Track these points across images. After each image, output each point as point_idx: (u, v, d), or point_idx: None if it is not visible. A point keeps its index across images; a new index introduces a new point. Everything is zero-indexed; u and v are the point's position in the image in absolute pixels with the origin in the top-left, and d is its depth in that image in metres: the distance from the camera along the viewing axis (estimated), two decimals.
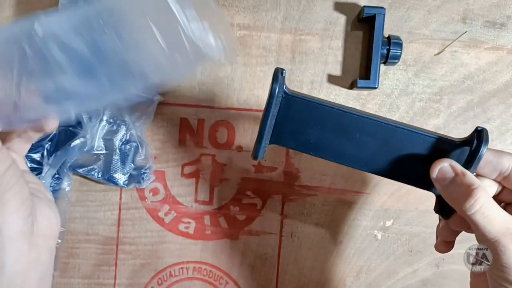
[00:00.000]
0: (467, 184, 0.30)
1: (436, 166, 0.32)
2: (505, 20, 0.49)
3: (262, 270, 0.50)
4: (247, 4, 0.48)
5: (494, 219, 0.30)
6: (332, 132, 0.32)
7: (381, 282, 0.51)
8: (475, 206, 0.30)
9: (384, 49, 0.46)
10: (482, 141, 0.30)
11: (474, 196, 0.30)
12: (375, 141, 0.32)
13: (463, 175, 0.31)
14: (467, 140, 0.32)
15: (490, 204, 0.30)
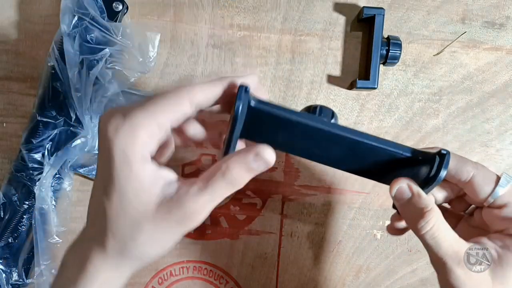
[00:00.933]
0: (421, 206, 0.32)
1: (394, 185, 0.33)
2: (504, 21, 0.49)
3: (262, 269, 0.51)
4: (247, 5, 0.48)
5: (442, 241, 0.32)
6: (300, 138, 0.33)
7: (381, 282, 0.51)
8: (426, 227, 0.32)
9: (384, 50, 0.46)
10: (441, 168, 0.31)
11: (426, 218, 0.32)
12: (341, 149, 0.33)
13: (419, 197, 0.32)
14: (429, 158, 0.32)
15: (440, 226, 0.32)
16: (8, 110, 0.49)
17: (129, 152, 0.27)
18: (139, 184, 0.28)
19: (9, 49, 0.48)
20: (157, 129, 0.28)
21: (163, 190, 0.29)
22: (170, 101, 0.28)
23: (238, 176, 0.29)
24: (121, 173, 0.27)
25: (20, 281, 0.48)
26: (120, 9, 0.45)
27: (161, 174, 0.29)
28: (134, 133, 0.27)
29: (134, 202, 0.28)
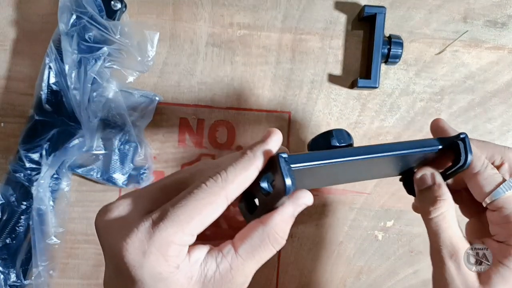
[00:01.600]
0: (437, 194, 0.33)
1: (420, 171, 0.35)
2: (506, 20, 0.49)
3: (262, 270, 0.50)
4: (247, 4, 0.48)
5: (444, 231, 0.32)
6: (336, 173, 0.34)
7: (382, 283, 0.50)
8: (434, 213, 0.33)
9: (385, 49, 0.46)
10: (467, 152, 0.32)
11: (437, 205, 0.33)
12: (375, 167, 0.34)
13: (438, 187, 0.33)
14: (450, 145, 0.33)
15: (447, 217, 0.33)
16: (6, 110, 0.48)
17: (164, 272, 0.24)
18: (175, 284, 0.24)
19: (7, 48, 0.48)
20: (191, 238, 0.25)
21: (202, 272, 0.25)
22: (207, 209, 0.25)
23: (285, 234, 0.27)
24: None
25: (18, 282, 0.47)
26: (118, 8, 0.45)
27: (194, 257, 0.26)
28: (167, 251, 0.23)
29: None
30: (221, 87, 0.48)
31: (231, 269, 0.26)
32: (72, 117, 0.46)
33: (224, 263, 0.26)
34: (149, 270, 0.23)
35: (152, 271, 0.23)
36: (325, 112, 0.49)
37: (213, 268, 0.25)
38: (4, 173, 0.47)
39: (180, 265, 0.24)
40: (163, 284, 0.24)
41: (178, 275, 0.24)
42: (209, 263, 0.26)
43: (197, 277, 0.25)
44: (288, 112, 0.49)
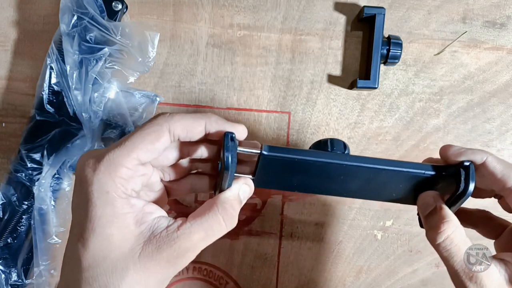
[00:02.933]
0: (440, 217, 0.32)
1: (421, 198, 0.34)
2: (505, 20, 0.49)
3: (262, 270, 0.50)
4: (247, 4, 0.48)
5: (455, 254, 0.31)
6: (315, 177, 0.33)
7: (381, 282, 0.51)
8: (439, 238, 0.31)
9: (384, 49, 0.46)
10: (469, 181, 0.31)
11: (441, 229, 0.31)
12: (360, 180, 0.33)
13: (440, 209, 0.32)
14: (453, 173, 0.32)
15: (455, 238, 0.31)
16: (7, 110, 0.48)
17: (111, 191, 0.26)
18: (124, 221, 0.26)
19: (8, 48, 0.48)
20: (138, 164, 0.27)
21: (152, 226, 0.27)
22: (150, 136, 0.27)
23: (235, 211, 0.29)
24: (104, 215, 0.26)
25: (19, 281, 0.47)
26: (119, 8, 0.45)
27: (149, 208, 0.28)
28: (115, 171, 0.26)
29: (120, 242, 0.26)
30: (221, 88, 0.49)
31: (177, 230, 0.27)
32: (73, 117, 0.46)
33: (173, 225, 0.27)
34: (97, 187, 0.26)
35: (100, 188, 0.26)
36: (324, 112, 0.49)
37: (163, 226, 0.27)
38: (5, 173, 0.47)
39: (132, 203, 0.27)
40: (111, 211, 0.26)
41: (127, 210, 0.26)
42: (162, 221, 0.28)
43: (146, 227, 0.27)
44: (288, 113, 0.49)
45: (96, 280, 0.26)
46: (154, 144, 0.27)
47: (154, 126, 0.28)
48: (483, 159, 0.32)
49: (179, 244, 0.27)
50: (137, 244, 0.26)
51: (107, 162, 0.26)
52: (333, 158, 0.31)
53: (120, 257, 0.26)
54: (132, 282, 0.26)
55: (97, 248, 0.26)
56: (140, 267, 0.26)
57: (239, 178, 0.31)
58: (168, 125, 0.28)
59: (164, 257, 0.26)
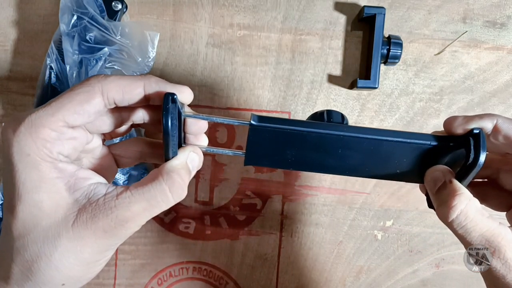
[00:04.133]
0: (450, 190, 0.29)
1: (429, 173, 0.31)
2: (505, 20, 0.49)
3: (262, 270, 0.50)
4: (247, 4, 0.48)
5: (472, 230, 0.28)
6: (311, 151, 0.30)
7: (381, 282, 0.51)
8: (452, 214, 0.28)
9: (384, 49, 0.46)
10: (480, 151, 0.28)
11: (453, 202, 0.28)
12: (360, 154, 0.30)
13: (450, 182, 0.30)
14: (462, 142, 0.30)
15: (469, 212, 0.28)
16: (6, 110, 0.48)
17: (32, 153, 0.24)
18: (53, 186, 0.24)
19: (8, 48, 0.48)
20: (65, 127, 0.25)
21: (87, 193, 0.25)
22: (79, 96, 0.25)
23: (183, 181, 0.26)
24: (27, 179, 0.24)
25: None
26: (119, 8, 0.45)
27: (83, 174, 0.26)
28: (36, 132, 0.24)
29: (49, 208, 0.24)
30: (221, 88, 0.49)
31: (116, 199, 0.25)
32: None
33: (112, 192, 0.25)
34: (17, 149, 0.24)
35: (20, 150, 0.24)
36: None
37: (101, 193, 0.25)
38: None
39: (60, 167, 0.25)
40: (36, 175, 0.24)
41: (55, 175, 0.24)
42: (99, 188, 0.25)
43: (81, 194, 0.25)
44: (288, 113, 0.49)
45: (27, 249, 0.24)
46: (83, 105, 0.25)
47: (85, 86, 0.25)
48: (494, 123, 0.29)
49: (116, 213, 0.24)
50: (71, 212, 0.24)
51: (28, 123, 0.24)
52: (329, 129, 0.29)
53: (52, 224, 0.24)
54: (65, 251, 0.24)
55: (26, 215, 0.24)
56: (74, 236, 0.24)
57: (187, 146, 0.28)
58: (100, 85, 0.25)
59: (100, 226, 0.24)
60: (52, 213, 0.24)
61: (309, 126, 0.29)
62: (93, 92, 0.25)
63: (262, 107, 0.49)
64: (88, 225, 0.24)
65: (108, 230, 0.25)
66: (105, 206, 0.25)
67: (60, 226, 0.24)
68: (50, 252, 0.24)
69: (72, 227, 0.24)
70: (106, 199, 0.25)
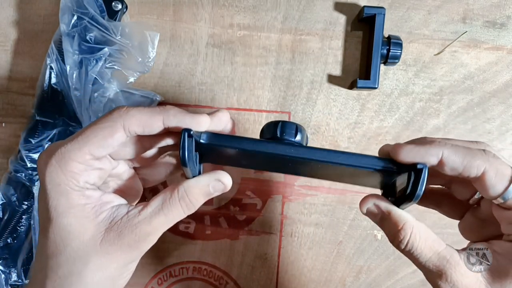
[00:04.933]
0: (392, 224, 0.30)
1: (362, 205, 0.32)
2: (505, 20, 0.49)
3: (262, 270, 0.50)
4: (247, 4, 0.48)
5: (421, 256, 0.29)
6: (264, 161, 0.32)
7: (381, 282, 0.51)
8: (401, 245, 0.30)
9: (384, 49, 0.46)
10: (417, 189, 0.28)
11: (400, 236, 0.29)
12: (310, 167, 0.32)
13: (388, 214, 0.30)
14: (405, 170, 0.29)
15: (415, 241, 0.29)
16: (7, 110, 0.48)
17: (62, 183, 0.27)
18: (81, 212, 0.27)
19: (8, 48, 0.48)
20: (90, 158, 0.27)
21: (111, 214, 0.28)
22: (103, 131, 0.27)
23: (195, 200, 0.30)
24: (58, 205, 0.27)
25: (19, 281, 0.47)
26: (119, 8, 0.45)
27: (106, 198, 0.29)
28: (65, 165, 0.27)
29: (79, 231, 0.27)
30: (221, 88, 0.49)
31: (138, 215, 0.28)
32: (73, 117, 0.46)
33: (133, 210, 0.28)
34: (49, 180, 0.27)
35: (52, 180, 0.27)
36: (324, 112, 0.49)
37: (123, 213, 0.28)
38: (5, 173, 0.47)
39: (87, 194, 0.28)
40: (66, 202, 0.27)
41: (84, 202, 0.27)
42: (121, 209, 0.29)
43: (105, 216, 0.28)
44: (288, 113, 0.49)
45: (60, 268, 0.27)
46: (107, 140, 0.27)
47: (108, 121, 0.27)
48: (439, 157, 0.29)
49: (140, 228, 0.28)
50: (98, 232, 0.28)
51: (59, 156, 0.27)
52: (276, 150, 0.30)
53: (81, 245, 0.27)
54: (94, 267, 0.27)
55: (57, 237, 0.27)
56: (102, 253, 0.27)
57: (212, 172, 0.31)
58: (122, 121, 0.27)
59: (125, 242, 0.28)
60: (80, 234, 0.27)
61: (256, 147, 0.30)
62: (116, 128, 0.27)
63: (262, 107, 0.49)
64: (115, 242, 0.27)
65: (133, 245, 0.28)
66: (129, 223, 0.28)
67: (88, 246, 0.27)
68: (81, 269, 0.27)
69: (100, 245, 0.27)
70: (129, 217, 0.28)
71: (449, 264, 0.29)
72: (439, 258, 0.29)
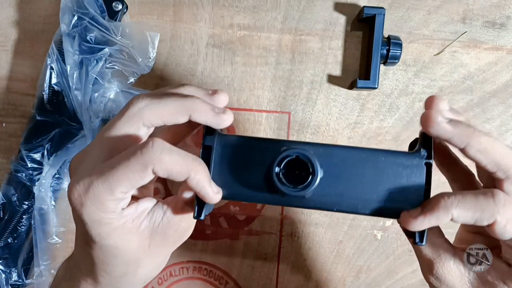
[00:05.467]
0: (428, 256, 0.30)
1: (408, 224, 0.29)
2: (504, 20, 0.49)
3: (262, 270, 0.50)
4: (247, 4, 0.48)
5: None
6: None
7: (381, 282, 0.51)
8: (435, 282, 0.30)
9: (384, 49, 0.46)
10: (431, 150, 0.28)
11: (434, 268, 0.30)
12: None
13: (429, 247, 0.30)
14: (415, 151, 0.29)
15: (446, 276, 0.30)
16: (7, 110, 0.49)
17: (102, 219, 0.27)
18: (123, 230, 0.28)
19: (9, 48, 0.48)
20: (123, 195, 0.27)
21: (150, 220, 0.29)
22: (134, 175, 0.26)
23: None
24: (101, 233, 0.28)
25: (19, 281, 0.48)
26: (119, 9, 0.45)
27: (141, 208, 0.29)
28: (101, 205, 0.27)
29: (124, 246, 0.28)
30: (221, 88, 0.49)
31: (175, 214, 0.29)
32: (74, 117, 0.46)
33: (168, 211, 0.29)
34: (88, 217, 0.27)
35: (91, 218, 0.27)
36: (324, 112, 0.49)
37: (161, 214, 0.29)
38: (5, 173, 0.47)
39: (124, 215, 0.28)
40: (108, 228, 0.28)
41: (123, 221, 0.28)
42: (157, 212, 0.29)
43: (146, 224, 0.29)
44: (288, 113, 0.49)
45: (115, 271, 0.29)
46: (138, 182, 0.27)
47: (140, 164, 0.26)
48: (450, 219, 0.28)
49: (181, 226, 0.29)
50: (144, 239, 0.29)
51: (93, 198, 0.27)
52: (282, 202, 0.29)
53: (130, 253, 0.29)
54: (146, 265, 0.30)
55: (105, 252, 0.29)
56: (152, 254, 0.30)
57: None
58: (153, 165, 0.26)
59: (171, 240, 0.30)
60: (128, 247, 0.29)
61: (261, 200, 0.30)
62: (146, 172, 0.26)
63: (262, 107, 0.49)
64: (162, 243, 0.29)
65: (176, 240, 0.30)
66: (169, 224, 0.29)
67: (138, 252, 0.29)
68: (135, 269, 0.30)
69: (149, 249, 0.29)
70: (168, 218, 0.29)
71: (439, 259, 0.30)
72: (433, 251, 0.30)
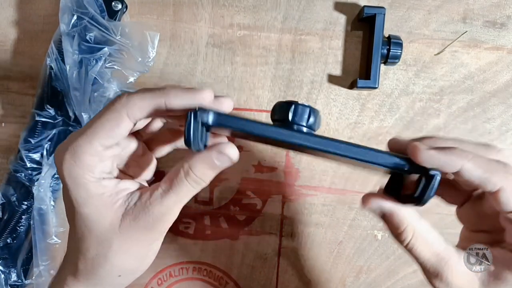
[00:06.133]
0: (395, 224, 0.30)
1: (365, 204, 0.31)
2: (505, 20, 0.49)
3: (262, 270, 0.50)
4: (247, 4, 0.48)
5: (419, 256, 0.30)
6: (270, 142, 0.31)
7: (381, 282, 0.51)
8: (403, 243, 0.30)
9: (384, 49, 0.46)
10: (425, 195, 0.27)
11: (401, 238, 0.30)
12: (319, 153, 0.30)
13: (391, 215, 0.30)
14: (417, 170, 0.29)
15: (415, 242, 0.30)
16: (7, 110, 0.48)
17: (78, 177, 0.28)
18: (99, 201, 0.29)
19: (8, 48, 0.48)
20: (102, 149, 0.29)
21: (126, 200, 0.30)
22: (110, 123, 0.28)
23: (202, 174, 0.29)
24: (78, 197, 0.29)
25: (19, 281, 0.47)
26: (119, 8, 0.45)
27: (122, 186, 0.30)
28: (79, 159, 0.28)
29: (98, 219, 0.29)
30: (221, 88, 0.49)
31: (150, 198, 0.29)
32: (73, 117, 0.46)
33: (146, 193, 0.30)
34: (67, 174, 0.28)
35: (69, 174, 0.28)
36: (324, 112, 0.49)
37: (137, 197, 0.30)
38: (5, 173, 0.47)
39: (103, 184, 0.29)
40: (84, 193, 0.29)
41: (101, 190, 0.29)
42: (135, 194, 0.30)
43: (121, 203, 0.29)
44: None
45: (88, 250, 0.30)
46: (114, 130, 0.28)
47: (113, 112, 0.28)
48: (458, 168, 0.28)
49: (152, 210, 0.29)
50: (116, 218, 0.29)
51: (71, 151, 0.28)
52: (286, 138, 0.29)
53: (103, 231, 0.29)
54: (117, 249, 0.30)
55: (81, 225, 0.29)
56: (122, 236, 0.29)
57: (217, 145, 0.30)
58: (125, 110, 0.28)
59: (141, 224, 0.29)
60: (101, 222, 0.29)
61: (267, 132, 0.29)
62: (120, 118, 0.28)
63: (262, 107, 0.49)
64: (132, 226, 0.29)
65: (148, 226, 0.29)
66: (142, 207, 0.29)
67: (109, 231, 0.29)
68: (106, 252, 0.30)
69: (119, 230, 0.29)
70: (142, 200, 0.29)
71: (446, 265, 0.30)
72: (438, 260, 0.30)
